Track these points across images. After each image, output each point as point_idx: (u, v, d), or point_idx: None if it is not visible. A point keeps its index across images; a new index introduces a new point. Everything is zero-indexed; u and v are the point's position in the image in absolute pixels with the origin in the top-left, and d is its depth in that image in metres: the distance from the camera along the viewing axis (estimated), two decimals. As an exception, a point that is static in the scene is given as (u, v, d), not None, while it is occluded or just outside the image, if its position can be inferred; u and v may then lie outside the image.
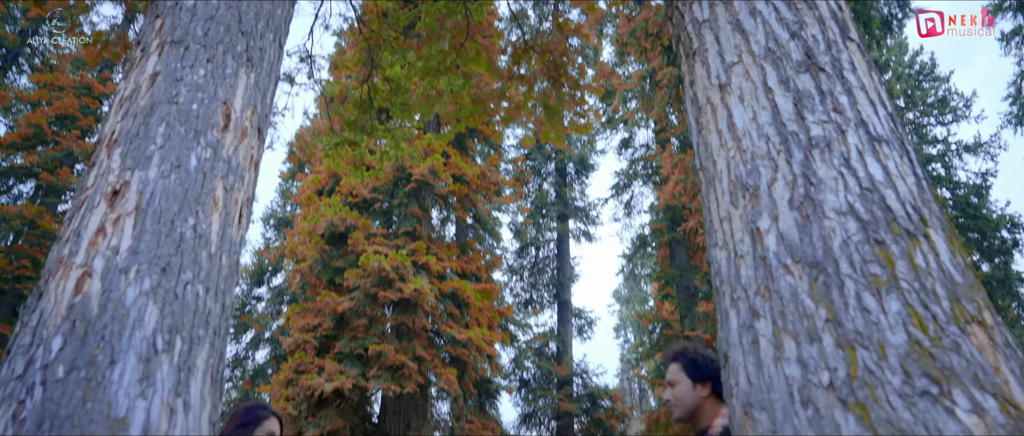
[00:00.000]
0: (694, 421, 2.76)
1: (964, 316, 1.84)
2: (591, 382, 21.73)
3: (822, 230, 2.06)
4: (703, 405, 2.74)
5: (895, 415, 1.67)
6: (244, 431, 2.83)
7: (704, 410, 2.74)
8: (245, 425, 2.84)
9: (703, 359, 2.80)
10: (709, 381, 2.75)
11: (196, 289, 2.11)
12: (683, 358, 2.84)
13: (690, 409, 2.74)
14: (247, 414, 2.89)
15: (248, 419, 2.87)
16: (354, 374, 10.28)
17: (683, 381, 2.78)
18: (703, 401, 2.74)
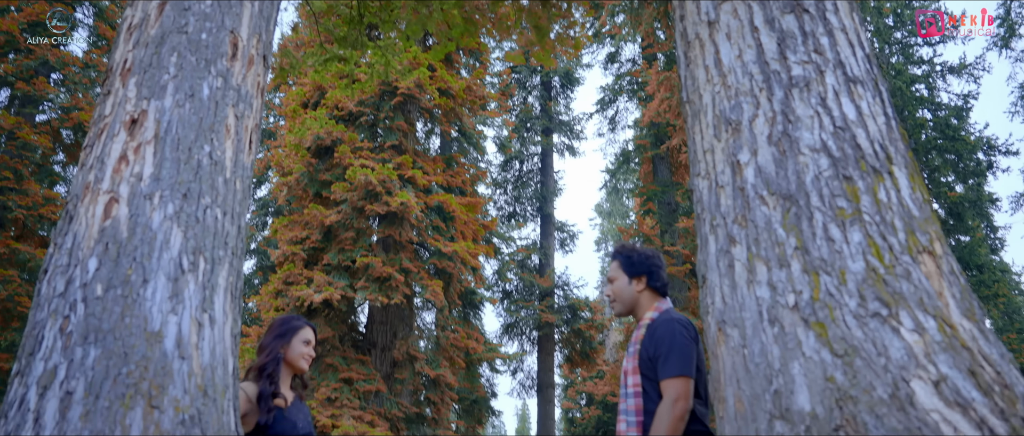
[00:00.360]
0: (634, 314, 2.97)
1: (917, 247, 2.05)
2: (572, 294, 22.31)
3: (797, 165, 2.24)
4: (640, 298, 2.94)
5: (849, 333, 1.90)
6: (283, 340, 2.98)
7: (641, 303, 2.94)
8: (283, 335, 2.99)
9: (638, 255, 2.98)
10: (644, 276, 2.93)
11: (214, 213, 2.26)
12: (620, 255, 3.02)
13: (628, 303, 2.94)
14: (284, 324, 3.04)
15: (285, 329, 3.02)
16: (342, 285, 10.57)
17: (620, 277, 2.97)
18: (639, 294, 2.94)
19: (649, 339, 2.77)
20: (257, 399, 2.78)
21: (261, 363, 2.90)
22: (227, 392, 2.14)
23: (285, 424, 2.82)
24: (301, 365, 3.01)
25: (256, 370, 2.90)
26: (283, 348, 2.97)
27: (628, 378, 2.75)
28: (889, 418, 1.68)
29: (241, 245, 2.38)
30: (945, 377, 1.73)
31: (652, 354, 2.74)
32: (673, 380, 2.67)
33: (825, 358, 1.89)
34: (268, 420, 2.76)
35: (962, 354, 1.80)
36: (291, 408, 2.91)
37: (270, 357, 2.92)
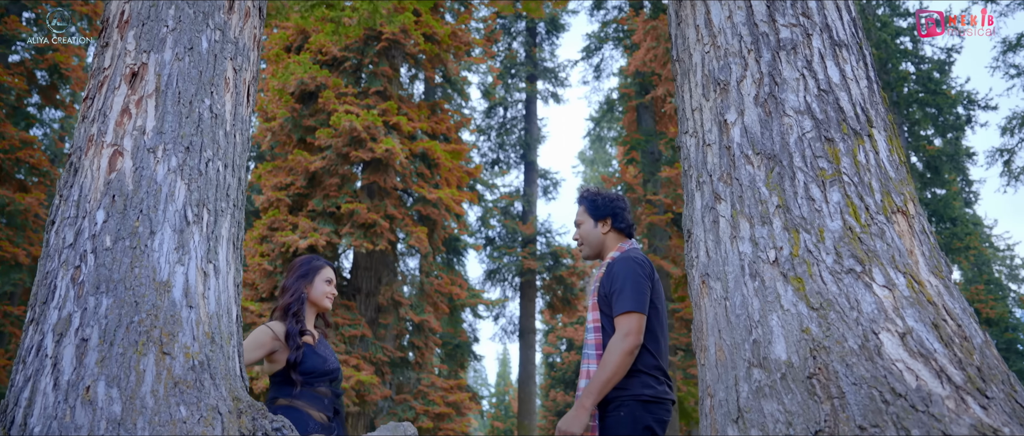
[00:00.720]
0: (600, 256, 3.06)
1: (891, 207, 2.16)
2: (554, 241, 22.52)
3: (781, 126, 2.32)
4: (606, 240, 3.03)
5: (824, 288, 2.02)
6: (305, 280, 3.01)
7: (607, 245, 3.03)
8: (305, 275, 3.01)
9: (602, 198, 3.05)
10: (608, 217, 3.02)
11: (216, 166, 2.31)
12: (585, 200, 3.10)
13: (595, 246, 3.03)
14: (305, 264, 3.05)
15: (307, 269, 3.02)
16: (327, 231, 10.63)
17: (586, 220, 3.06)
18: (605, 236, 3.03)
19: (607, 276, 2.85)
20: (285, 337, 2.84)
21: (285, 303, 2.94)
22: (232, 339, 2.23)
23: (316, 360, 2.86)
24: (325, 303, 3.04)
25: (281, 310, 2.96)
26: (306, 288, 3.00)
27: (588, 315, 2.85)
28: (858, 367, 1.81)
29: (241, 197, 2.44)
30: (911, 330, 1.86)
31: (608, 290, 2.81)
32: (625, 315, 2.72)
33: (802, 311, 2.02)
34: (297, 357, 2.80)
35: (928, 309, 1.93)
36: (319, 344, 2.97)
37: (294, 297, 2.95)
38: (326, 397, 2.88)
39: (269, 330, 2.85)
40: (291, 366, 2.80)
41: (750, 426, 1.94)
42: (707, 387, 2.19)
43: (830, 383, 1.82)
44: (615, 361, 2.64)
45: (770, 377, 1.96)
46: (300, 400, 2.77)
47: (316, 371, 2.85)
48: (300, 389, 2.78)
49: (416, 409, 13.06)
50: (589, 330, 2.84)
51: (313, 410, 2.79)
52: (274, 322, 2.92)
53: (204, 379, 1.99)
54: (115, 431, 1.79)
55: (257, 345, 2.79)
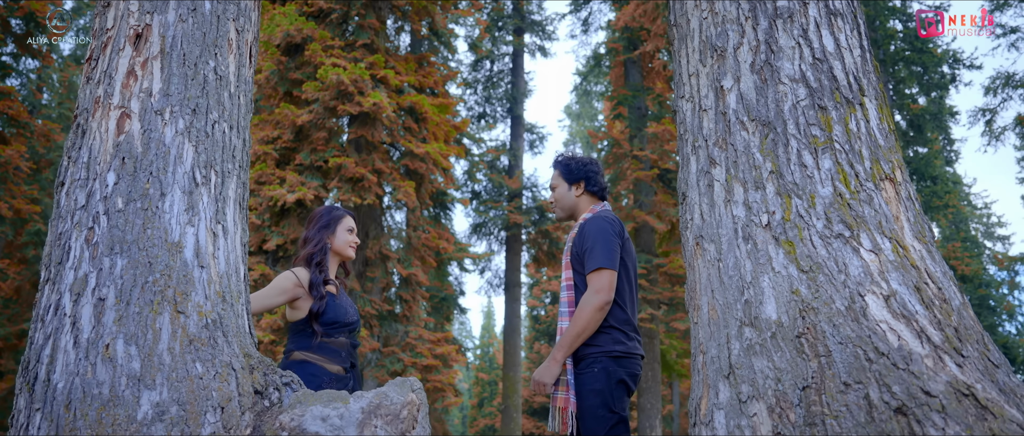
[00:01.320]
0: (573, 217, 3.17)
1: (880, 174, 2.24)
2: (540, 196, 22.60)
3: (776, 94, 2.38)
4: (578, 203, 3.14)
5: (814, 251, 2.11)
6: (328, 230, 3.01)
7: (580, 207, 3.14)
8: (327, 225, 3.00)
9: (576, 163, 3.16)
10: (581, 181, 3.13)
11: (222, 127, 2.33)
12: (559, 164, 3.21)
13: (569, 208, 3.14)
14: (327, 215, 3.04)
15: (329, 219, 3.02)
16: (315, 185, 10.62)
17: (561, 184, 3.17)
18: (578, 199, 3.13)
19: (579, 236, 2.97)
20: (309, 287, 2.83)
21: (309, 253, 2.93)
22: (241, 297, 2.30)
23: (337, 310, 2.87)
24: (348, 252, 3.05)
25: (304, 260, 2.94)
26: (329, 238, 3.00)
27: (563, 273, 2.98)
28: (844, 327, 1.92)
29: (246, 158, 2.47)
30: (895, 292, 1.96)
31: (580, 249, 2.94)
32: (597, 272, 2.86)
33: (792, 273, 2.11)
34: (321, 307, 2.81)
35: (911, 272, 2.03)
36: (340, 296, 2.99)
37: (318, 247, 2.95)
38: (343, 349, 2.90)
39: (293, 276, 2.86)
40: (313, 316, 2.82)
41: (741, 382, 2.05)
42: (700, 344, 2.30)
43: (818, 342, 1.92)
44: (586, 316, 2.80)
45: (761, 336, 2.07)
46: (316, 353, 2.80)
47: (337, 322, 2.87)
48: (319, 340, 2.81)
49: (404, 361, 13.27)
50: (563, 289, 2.97)
51: (329, 363, 2.83)
52: (299, 269, 2.92)
53: (217, 337, 2.06)
54: (135, 387, 1.86)
55: (280, 291, 2.80)
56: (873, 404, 1.71)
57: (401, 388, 2.12)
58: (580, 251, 2.94)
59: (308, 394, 2.06)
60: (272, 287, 2.81)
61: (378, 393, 2.06)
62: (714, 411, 2.10)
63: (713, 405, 2.11)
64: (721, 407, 2.08)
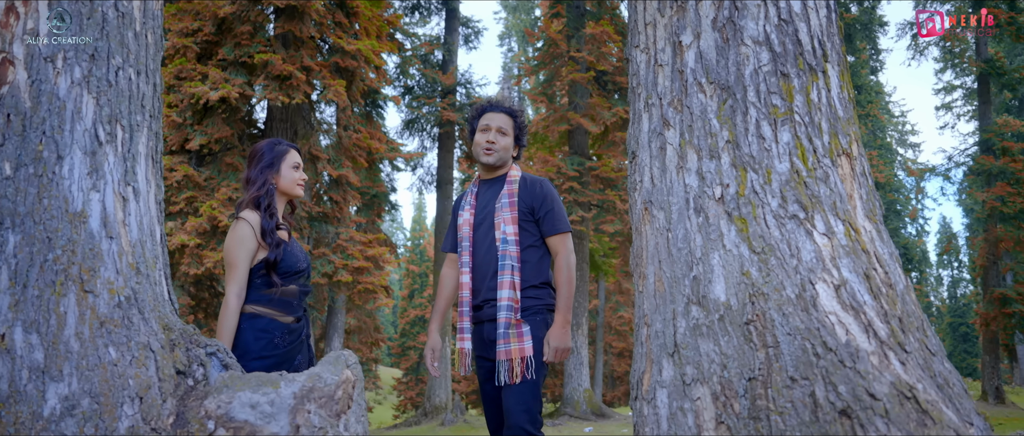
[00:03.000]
0: (498, 169, 3.12)
1: (838, 149, 2.18)
2: (475, 92, 22.17)
3: (738, 56, 2.25)
4: (508, 159, 3.14)
5: (767, 232, 2.06)
6: (271, 170, 2.74)
7: (507, 163, 3.15)
8: (271, 164, 2.74)
9: (524, 128, 3.19)
10: (520, 146, 3.19)
11: (128, 74, 2.04)
12: (517, 119, 3.17)
13: (502, 160, 3.09)
14: (269, 152, 2.77)
15: (272, 157, 2.75)
16: (239, 83, 10.00)
17: (510, 137, 3.11)
18: (511, 157, 3.15)
19: (527, 192, 2.99)
20: (261, 234, 2.60)
21: (253, 196, 2.67)
22: (157, 263, 2.10)
23: (289, 259, 2.68)
24: (296, 191, 2.82)
25: (249, 203, 2.68)
26: (273, 177, 2.75)
27: (507, 227, 2.92)
28: (794, 317, 1.89)
29: (158, 105, 2.20)
30: (845, 281, 1.94)
31: (535, 207, 2.96)
32: (565, 235, 2.99)
33: (743, 253, 2.06)
34: (278, 255, 2.60)
35: (861, 258, 2.01)
36: (290, 241, 2.77)
37: (263, 188, 2.69)
38: (295, 297, 2.74)
39: (250, 227, 2.61)
40: (270, 266, 2.62)
41: (685, 363, 2.02)
42: (644, 316, 2.26)
43: (766, 331, 1.90)
44: (573, 276, 2.91)
45: (708, 317, 2.03)
46: (268, 306, 2.63)
47: (290, 271, 2.69)
48: (277, 292, 2.63)
49: (335, 263, 13.14)
50: (508, 242, 2.90)
51: (282, 315, 2.68)
52: (248, 213, 2.66)
53: (132, 315, 1.88)
54: (39, 380, 1.69)
55: (244, 247, 2.56)
56: (818, 403, 1.71)
57: (335, 366, 2.02)
58: (535, 209, 2.96)
59: (235, 377, 1.92)
60: (234, 241, 2.56)
61: (310, 375, 1.94)
62: (657, 389, 2.08)
63: (656, 382, 2.10)
64: (664, 386, 2.06)
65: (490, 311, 2.90)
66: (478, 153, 3.09)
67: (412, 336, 36.12)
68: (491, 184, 3.11)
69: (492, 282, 2.89)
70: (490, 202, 3.02)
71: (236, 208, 2.74)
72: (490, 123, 3.09)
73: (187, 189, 10.58)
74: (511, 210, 2.94)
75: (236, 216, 2.69)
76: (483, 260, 2.96)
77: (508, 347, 2.78)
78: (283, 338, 2.68)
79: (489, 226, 2.97)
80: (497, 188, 3.06)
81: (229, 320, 2.54)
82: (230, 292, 2.57)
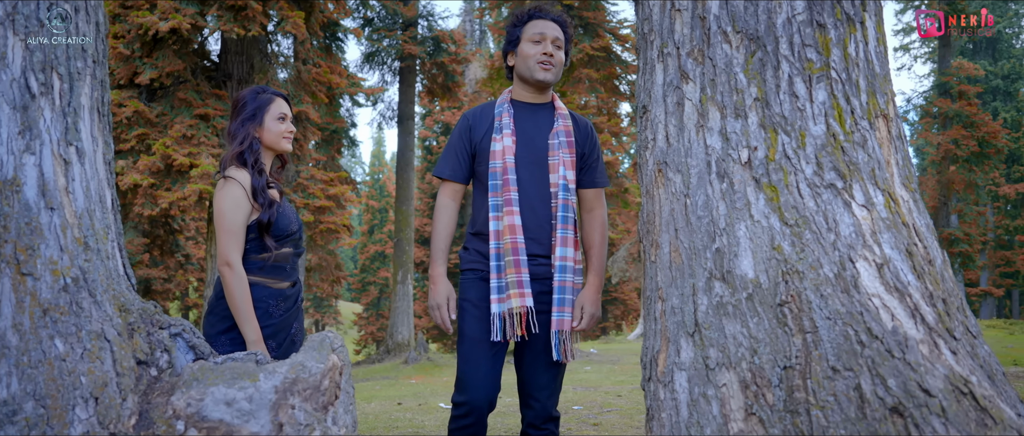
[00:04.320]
0: (543, 93, 2.69)
1: (875, 110, 1.98)
2: (437, 25, 21.50)
3: (769, 2, 2.01)
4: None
5: (801, 202, 1.86)
6: (254, 122, 2.47)
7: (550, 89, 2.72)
8: (253, 116, 2.47)
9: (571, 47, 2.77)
10: (568, 58, 2.76)
11: (62, 9, 1.71)
12: (567, 30, 2.72)
13: (558, 78, 2.68)
14: (251, 103, 2.49)
15: (254, 109, 2.48)
16: (191, 13, 9.35)
17: (562, 52, 2.68)
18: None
19: (580, 134, 2.65)
20: (252, 194, 2.36)
21: (236, 152, 2.42)
22: (109, 233, 1.82)
23: (282, 220, 2.44)
24: (282, 145, 2.55)
25: (234, 158, 2.43)
26: (257, 130, 2.48)
27: (568, 172, 2.55)
28: (833, 299, 1.72)
29: (103, 48, 1.87)
30: (888, 260, 1.76)
31: (585, 152, 2.66)
32: (603, 192, 2.70)
33: (774, 225, 1.87)
34: (271, 216, 2.37)
35: (902, 232, 1.83)
36: (282, 201, 2.52)
37: (245, 145, 2.42)
38: (288, 261, 2.49)
39: (241, 187, 2.34)
40: (263, 228, 2.36)
41: (708, 344, 1.85)
42: (658, 289, 2.07)
43: (803, 314, 1.72)
44: (606, 239, 2.67)
45: (734, 295, 1.85)
46: (259, 275, 2.39)
47: (283, 233, 2.44)
48: (270, 257, 2.38)
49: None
50: (569, 190, 2.56)
51: (276, 281, 2.44)
52: (237, 171, 2.39)
53: (82, 299, 1.61)
54: (-29, 382, 1.42)
55: (240, 209, 2.31)
56: (865, 398, 1.55)
57: (320, 351, 1.79)
58: (585, 155, 2.67)
59: (206, 369, 1.68)
60: (229, 204, 2.30)
61: (293, 364, 1.71)
62: (675, 371, 1.91)
63: (673, 363, 1.92)
64: (683, 368, 1.89)
65: (540, 269, 2.55)
66: (531, 68, 2.58)
67: (372, 272, 35.94)
68: (534, 111, 2.65)
69: (545, 235, 2.55)
70: (538, 134, 2.61)
71: (220, 165, 2.46)
72: (545, 32, 2.61)
73: (138, 126, 10.01)
74: (570, 151, 2.58)
75: (223, 175, 2.41)
76: (532, 203, 2.55)
77: (567, 317, 2.48)
78: (278, 305, 2.44)
79: (538, 164, 2.58)
80: (544, 118, 2.64)
81: (244, 290, 2.32)
82: (233, 259, 2.32)
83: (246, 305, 2.33)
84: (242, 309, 2.32)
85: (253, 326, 2.33)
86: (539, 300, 2.53)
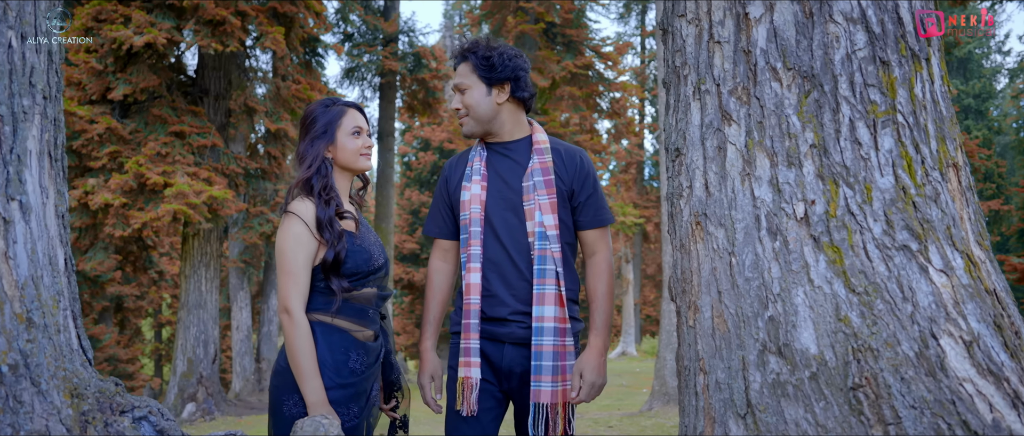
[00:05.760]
0: (491, 134, 2.39)
1: (946, 159, 1.75)
2: (417, 41, 21.30)
3: (825, 36, 1.78)
4: (501, 113, 2.35)
5: (870, 266, 1.62)
6: (325, 139, 2.15)
7: (503, 119, 2.36)
8: (324, 133, 2.16)
9: (499, 55, 2.31)
10: (507, 83, 2.31)
11: (6, 38, 1.43)
12: (473, 56, 2.34)
13: (486, 118, 2.34)
14: (321, 116, 2.17)
15: (325, 124, 2.16)
16: (167, 27, 9.01)
17: (475, 85, 2.33)
18: (500, 107, 2.34)
19: (566, 169, 2.30)
20: (317, 228, 2.05)
21: (305, 177, 2.12)
22: (61, 301, 1.52)
23: (359, 256, 2.10)
24: (360, 164, 2.22)
25: (301, 185, 2.12)
26: (328, 149, 2.17)
27: (546, 217, 2.24)
28: (917, 383, 1.47)
29: (57, 81, 1.58)
30: (976, 336, 1.53)
31: (575, 189, 2.30)
32: (606, 229, 2.36)
33: (838, 292, 1.63)
34: (341, 252, 2.05)
35: (986, 301, 1.60)
36: (362, 230, 2.18)
37: (314, 168, 2.12)
38: (371, 304, 2.14)
39: (303, 222, 2.03)
40: (330, 268, 2.04)
41: (763, 428, 1.60)
42: (700, 360, 1.81)
43: (882, 401, 1.48)
44: (613, 286, 2.29)
45: (794, 373, 1.60)
46: (338, 316, 2.06)
47: (359, 272, 2.09)
48: (340, 299, 2.05)
49: (273, 222, 12.38)
50: (548, 238, 2.23)
51: (358, 327, 2.10)
52: (300, 204, 2.08)
53: (21, 391, 1.32)
54: None
55: (303, 248, 2.01)
56: (970, 511, 1.31)
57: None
58: (576, 192, 2.30)
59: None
60: (290, 249, 2.00)
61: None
62: (724, 458, 1.65)
63: (722, 449, 1.67)
64: (734, 456, 1.63)
65: (518, 331, 2.26)
66: None
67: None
68: (506, 150, 2.36)
69: (523, 291, 2.25)
70: (513, 177, 2.32)
71: (286, 196, 2.14)
72: (454, 84, 2.36)
73: (110, 143, 9.62)
74: (549, 192, 2.25)
75: (284, 209, 2.10)
76: (504, 256, 2.27)
77: (554, 387, 2.16)
78: (360, 358, 2.09)
79: (514, 211, 2.28)
80: (519, 157, 2.34)
81: (305, 343, 1.99)
82: (293, 304, 2.00)
83: (308, 359, 1.99)
84: (303, 364, 1.98)
85: (316, 385, 1.98)
86: (524, 367, 2.27)
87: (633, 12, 29.76)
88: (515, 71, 2.32)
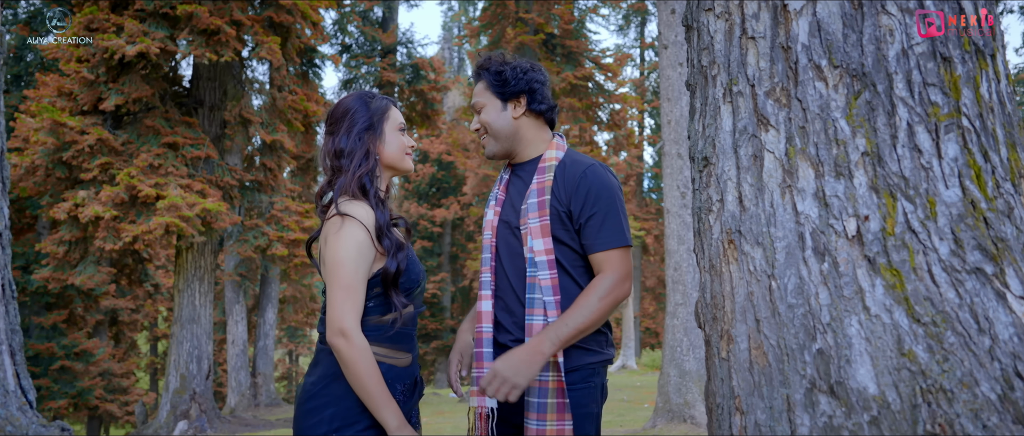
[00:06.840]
0: (515, 153, 2.26)
1: (1018, 168, 1.54)
2: (416, 52, 21.20)
3: (877, 29, 1.57)
4: (519, 128, 2.21)
5: (936, 292, 1.41)
6: (373, 133, 1.94)
7: (523, 135, 2.23)
8: (371, 126, 1.95)
9: (512, 70, 2.19)
10: (523, 96, 2.19)
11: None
12: (486, 72, 2.22)
13: (506, 137, 2.20)
14: (364, 108, 1.97)
15: (369, 117, 1.96)
16: (161, 36, 8.82)
17: (490, 102, 2.21)
18: (518, 122, 2.21)
19: (565, 188, 2.11)
20: (376, 234, 1.83)
21: (359, 173, 1.90)
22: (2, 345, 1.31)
23: (414, 268, 1.93)
24: (406, 164, 2.03)
25: (356, 187, 1.89)
26: (376, 144, 1.96)
27: (534, 242, 2.07)
28: (1002, 432, 1.25)
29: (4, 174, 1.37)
30: (1068, 374, 1.31)
31: (573, 210, 2.09)
32: (619, 251, 2.08)
33: (900, 322, 1.41)
34: (401, 263, 1.84)
35: (1074, 332, 1.38)
36: (407, 243, 1.98)
37: (362, 164, 1.91)
38: (410, 324, 1.94)
39: (365, 229, 1.81)
40: (388, 281, 1.84)
41: (816, 481, 1.37)
42: (735, 397, 1.59)
43: (961, 454, 1.26)
44: (604, 308, 2.02)
45: (851, 417, 1.38)
46: (382, 344, 1.85)
47: (414, 286, 1.92)
48: (396, 323, 1.84)
49: (269, 235, 12.16)
50: (538, 264, 2.06)
51: (397, 353, 1.90)
52: (358, 207, 1.85)
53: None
54: None
55: (364, 258, 1.80)
56: None
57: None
58: (573, 212, 2.09)
59: None
60: (350, 259, 1.76)
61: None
62: (768, 514, 1.43)
63: (765, 503, 1.44)
64: (781, 512, 1.41)
65: None
66: None
67: (349, 303, 35.03)
68: (522, 170, 2.25)
69: (523, 318, 2.09)
70: (519, 199, 2.20)
71: (334, 197, 1.89)
72: (471, 104, 2.27)
73: (102, 154, 9.41)
74: (541, 214, 2.08)
75: (338, 211, 1.85)
76: (506, 283, 2.16)
77: (540, 427, 1.98)
78: (401, 390, 1.89)
79: (515, 235, 2.16)
80: (528, 177, 2.21)
81: (371, 367, 1.77)
82: (349, 325, 1.76)
83: (377, 384, 1.77)
84: (372, 389, 1.76)
85: (394, 409, 1.78)
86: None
87: (633, 24, 29.73)
88: (529, 83, 2.19)
